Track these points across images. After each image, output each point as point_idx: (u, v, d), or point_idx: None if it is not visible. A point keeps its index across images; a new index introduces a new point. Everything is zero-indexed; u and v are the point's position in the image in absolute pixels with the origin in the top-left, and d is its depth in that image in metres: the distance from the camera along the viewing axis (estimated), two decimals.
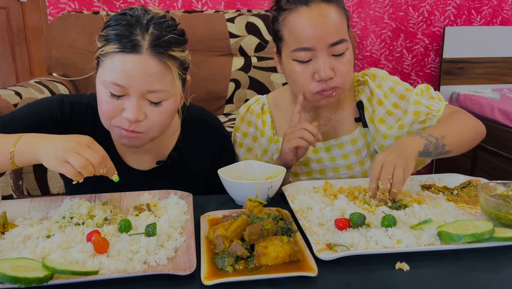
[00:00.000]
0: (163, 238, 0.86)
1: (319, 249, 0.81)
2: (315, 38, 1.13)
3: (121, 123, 1.05)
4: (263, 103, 1.41)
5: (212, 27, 2.71)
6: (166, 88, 1.05)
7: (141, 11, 1.05)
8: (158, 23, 1.05)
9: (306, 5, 1.15)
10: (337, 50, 1.15)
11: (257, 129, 1.39)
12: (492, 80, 3.33)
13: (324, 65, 1.14)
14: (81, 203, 0.99)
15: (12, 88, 2.13)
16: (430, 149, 1.10)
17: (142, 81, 1.01)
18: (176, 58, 1.06)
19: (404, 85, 1.31)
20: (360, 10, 3.21)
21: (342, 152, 1.33)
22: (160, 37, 1.03)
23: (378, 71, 1.35)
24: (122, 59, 1.01)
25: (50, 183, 2.17)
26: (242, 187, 1.04)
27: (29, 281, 0.69)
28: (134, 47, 1.01)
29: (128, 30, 1.02)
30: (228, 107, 2.82)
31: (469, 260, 0.82)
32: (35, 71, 3.51)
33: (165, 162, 1.23)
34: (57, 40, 2.64)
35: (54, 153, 0.93)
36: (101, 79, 1.05)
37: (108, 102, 1.04)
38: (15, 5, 3.35)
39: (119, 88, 1.02)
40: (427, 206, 1.00)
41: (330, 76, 1.15)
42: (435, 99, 1.30)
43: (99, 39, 1.06)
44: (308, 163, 1.35)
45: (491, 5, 3.34)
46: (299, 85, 1.20)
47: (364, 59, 3.32)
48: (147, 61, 1.01)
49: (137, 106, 1.03)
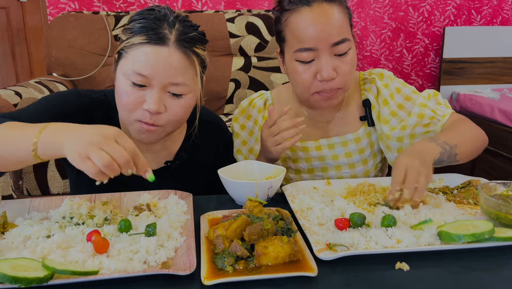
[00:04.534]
0: (163, 238, 0.86)
1: (319, 249, 0.81)
2: (317, 38, 1.13)
3: (142, 116, 1.07)
4: (266, 99, 1.41)
5: (212, 27, 2.71)
6: (188, 83, 1.08)
7: (168, 10, 1.09)
8: (183, 21, 1.09)
9: (307, 5, 1.14)
10: (339, 49, 1.15)
11: (256, 124, 1.39)
12: (492, 80, 3.33)
13: (326, 65, 1.14)
14: (81, 203, 0.99)
15: (12, 88, 2.13)
16: (444, 158, 1.09)
17: (166, 73, 1.04)
18: (199, 55, 1.10)
19: (411, 88, 1.31)
20: (360, 10, 3.21)
21: (346, 150, 1.33)
22: (186, 33, 1.07)
23: (386, 71, 1.34)
24: (148, 50, 1.03)
25: (50, 183, 2.17)
26: (242, 187, 1.04)
27: (29, 281, 0.69)
28: (161, 39, 1.04)
29: (156, 24, 1.05)
30: (228, 107, 2.83)
31: (469, 260, 0.82)
32: (35, 71, 3.51)
33: (173, 161, 1.24)
34: (57, 40, 2.64)
35: (78, 147, 0.81)
36: (123, 70, 1.06)
37: (129, 94, 1.05)
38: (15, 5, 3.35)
39: (142, 78, 1.04)
40: (427, 206, 1.00)
41: (333, 76, 1.15)
42: (442, 105, 1.29)
43: (125, 32, 1.08)
44: (310, 160, 1.35)
45: (491, 5, 3.34)
46: (301, 85, 1.20)
47: (364, 59, 3.32)
48: (172, 53, 1.04)
49: (158, 98, 1.05)
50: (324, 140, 1.33)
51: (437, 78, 3.39)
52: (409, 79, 3.40)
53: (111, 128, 0.85)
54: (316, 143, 1.33)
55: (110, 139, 0.82)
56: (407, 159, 1.01)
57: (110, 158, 0.80)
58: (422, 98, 1.27)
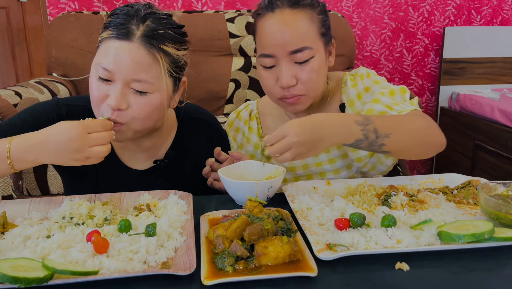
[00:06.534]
0: (163, 238, 0.86)
1: (319, 249, 0.81)
2: (274, 45, 1.13)
3: (106, 113, 1.07)
4: (252, 109, 1.40)
5: (212, 27, 2.71)
6: (152, 80, 1.06)
7: (144, 6, 1.09)
8: (158, 18, 1.08)
9: (271, 11, 1.14)
10: (298, 58, 1.13)
11: (244, 136, 1.38)
12: (492, 80, 3.33)
13: (285, 73, 1.13)
14: (81, 203, 0.99)
15: (12, 88, 2.13)
16: (361, 145, 1.02)
17: (129, 68, 1.04)
18: (168, 53, 1.08)
19: (380, 79, 1.25)
20: (360, 10, 3.21)
21: (328, 156, 1.30)
22: (155, 30, 1.06)
23: (361, 69, 1.29)
24: (113, 45, 1.04)
25: (50, 183, 2.17)
26: (242, 187, 1.04)
27: (29, 281, 0.69)
28: (126, 34, 1.04)
29: (125, 19, 1.06)
30: (228, 107, 2.82)
31: (469, 260, 0.82)
32: (35, 71, 3.51)
33: (162, 160, 1.24)
34: (57, 40, 2.64)
35: (66, 156, 0.95)
36: (94, 63, 1.08)
37: (95, 88, 1.07)
38: (15, 5, 3.35)
39: (106, 73, 1.05)
40: (427, 206, 1.00)
41: (291, 84, 1.14)
42: (406, 102, 1.19)
43: (102, 27, 1.10)
44: (294, 169, 1.33)
45: (491, 5, 3.34)
46: (266, 90, 1.22)
47: (364, 59, 3.32)
48: (136, 49, 1.04)
49: (120, 94, 1.04)
50: None
51: (437, 78, 3.39)
52: (409, 79, 3.41)
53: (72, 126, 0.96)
54: None
55: (85, 138, 0.95)
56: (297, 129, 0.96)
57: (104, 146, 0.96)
58: (378, 94, 1.20)
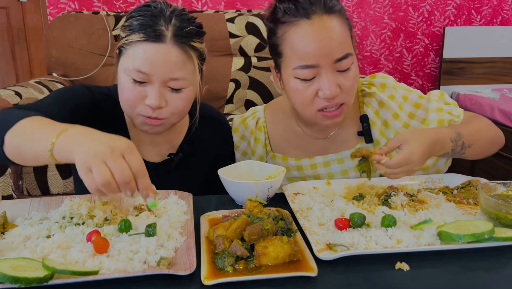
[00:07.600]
0: (163, 238, 0.86)
1: (319, 249, 0.81)
2: (319, 55, 1.05)
3: (145, 111, 1.09)
4: (259, 118, 1.33)
5: (212, 27, 2.71)
6: (187, 77, 1.09)
7: (164, 4, 1.10)
8: (180, 15, 1.10)
9: (307, 18, 1.05)
10: (342, 65, 1.07)
11: (249, 146, 1.33)
12: (492, 80, 3.33)
13: (329, 83, 1.06)
14: (81, 203, 0.99)
15: (12, 88, 2.13)
16: (446, 156, 1.08)
17: (165, 69, 1.06)
18: (196, 48, 1.11)
19: (417, 92, 1.24)
20: (360, 10, 3.21)
21: (342, 167, 1.26)
22: (182, 28, 1.08)
23: (387, 79, 1.26)
24: (146, 48, 1.05)
25: (50, 183, 2.17)
26: (242, 187, 1.04)
27: (29, 281, 0.69)
28: (158, 36, 1.05)
29: (152, 21, 1.06)
30: (228, 107, 2.83)
31: (469, 260, 0.82)
32: (35, 71, 3.51)
33: (176, 154, 1.25)
34: (57, 40, 2.64)
35: (84, 157, 0.76)
36: (124, 67, 1.08)
37: (130, 90, 1.08)
38: (15, 5, 3.35)
39: (142, 75, 1.06)
40: (427, 206, 1.00)
41: (336, 94, 1.08)
42: (451, 104, 1.24)
43: (123, 30, 1.10)
44: (305, 179, 1.28)
45: (491, 5, 3.34)
46: (302, 104, 1.12)
47: (364, 59, 3.32)
48: (170, 50, 1.06)
49: (159, 93, 1.07)
50: (320, 157, 1.26)
51: (437, 78, 3.39)
52: (409, 79, 3.41)
53: (122, 141, 0.80)
54: (311, 161, 1.27)
55: (116, 154, 0.77)
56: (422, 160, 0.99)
57: (110, 175, 0.75)
58: (435, 103, 1.20)
